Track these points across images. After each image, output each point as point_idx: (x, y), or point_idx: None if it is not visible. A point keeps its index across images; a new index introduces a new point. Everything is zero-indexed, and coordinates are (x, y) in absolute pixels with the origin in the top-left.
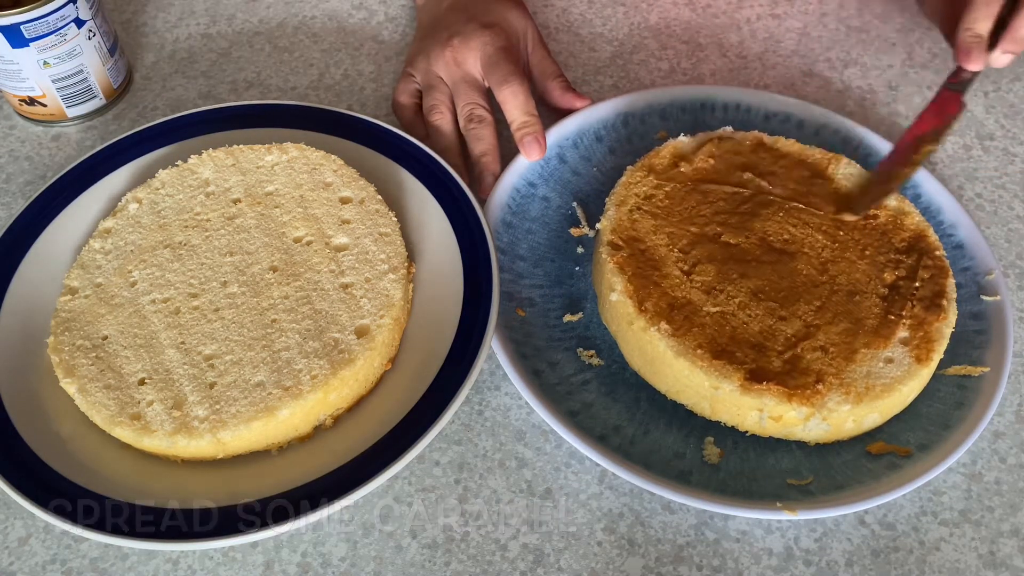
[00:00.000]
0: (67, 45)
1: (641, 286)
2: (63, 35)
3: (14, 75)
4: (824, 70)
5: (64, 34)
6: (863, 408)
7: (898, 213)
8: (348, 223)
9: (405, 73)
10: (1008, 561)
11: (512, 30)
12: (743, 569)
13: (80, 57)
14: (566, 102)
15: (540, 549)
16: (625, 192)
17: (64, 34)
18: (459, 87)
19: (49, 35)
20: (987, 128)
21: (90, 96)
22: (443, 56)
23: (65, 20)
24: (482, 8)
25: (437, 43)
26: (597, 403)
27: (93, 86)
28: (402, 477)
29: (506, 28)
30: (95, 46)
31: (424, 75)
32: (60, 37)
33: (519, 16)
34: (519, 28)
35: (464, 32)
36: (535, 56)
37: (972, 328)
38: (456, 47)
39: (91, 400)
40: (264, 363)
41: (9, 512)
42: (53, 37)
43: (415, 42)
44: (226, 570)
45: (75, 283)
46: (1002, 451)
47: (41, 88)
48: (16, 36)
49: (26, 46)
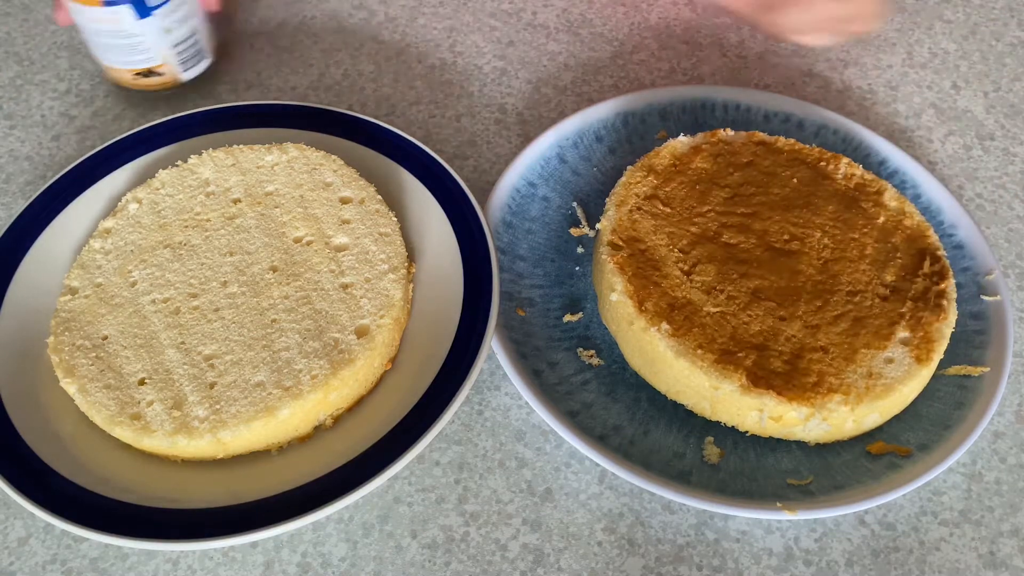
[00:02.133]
0: (184, 8)
1: (641, 286)
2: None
3: (135, 48)
4: (824, 70)
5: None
6: (863, 408)
7: (898, 213)
8: (348, 223)
9: None
10: (1008, 561)
11: None
12: (743, 569)
13: (193, 19)
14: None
15: (540, 549)
16: (625, 192)
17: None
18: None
19: (169, 2)
20: (987, 128)
21: (202, 57)
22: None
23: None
24: None
25: None
26: (597, 403)
27: (203, 47)
28: (402, 477)
29: None
30: (199, 6)
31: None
32: (179, 2)
33: None
34: None
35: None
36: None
37: (972, 328)
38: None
39: (91, 400)
40: (264, 363)
41: (9, 512)
42: (173, 3)
43: None
44: (226, 570)
45: (75, 283)
46: (1002, 451)
47: (162, 57)
48: (141, 6)
49: (149, 15)
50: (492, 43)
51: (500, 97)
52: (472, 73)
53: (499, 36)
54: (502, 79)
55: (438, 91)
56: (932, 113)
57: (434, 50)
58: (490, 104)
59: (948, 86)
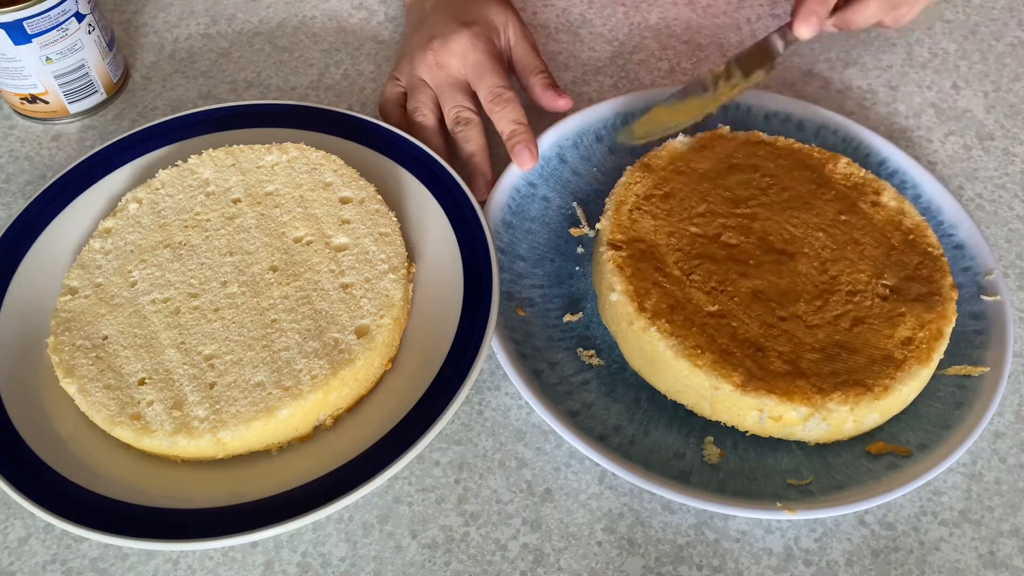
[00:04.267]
0: (69, 40)
1: (641, 286)
2: (64, 30)
3: (16, 73)
4: (824, 70)
5: (65, 29)
6: (863, 408)
7: (898, 213)
8: (348, 223)
9: (391, 76)
10: (1008, 561)
11: (492, 25)
12: (743, 569)
13: (81, 52)
14: (547, 100)
15: (540, 549)
16: (625, 192)
17: (65, 29)
18: (443, 90)
19: (51, 30)
20: (987, 128)
21: (91, 91)
22: (425, 59)
23: (66, 15)
24: (463, 7)
25: (419, 45)
26: (597, 403)
27: (94, 81)
28: (402, 477)
29: (486, 24)
30: (95, 40)
31: (408, 78)
32: (62, 32)
33: (500, 11)
34: (499, 23)
35: (444, 33)
36: (519, 50)
37: (972, 328)
38: (437, 50)
39: (91, 400)
40: (264, 363)
41: (9, 512)
42: (55, 32)
43: (402, 44)
44: (226, 570)
45: (75, 283)
46: (1002, 451)
47: (44, 85)
48: (19, 32)
49: (29, 42)
50: None
51: None
52: None
53: None
54: None
55: None
56: (932, 113)
57: None
58: None
59: (948, 86)
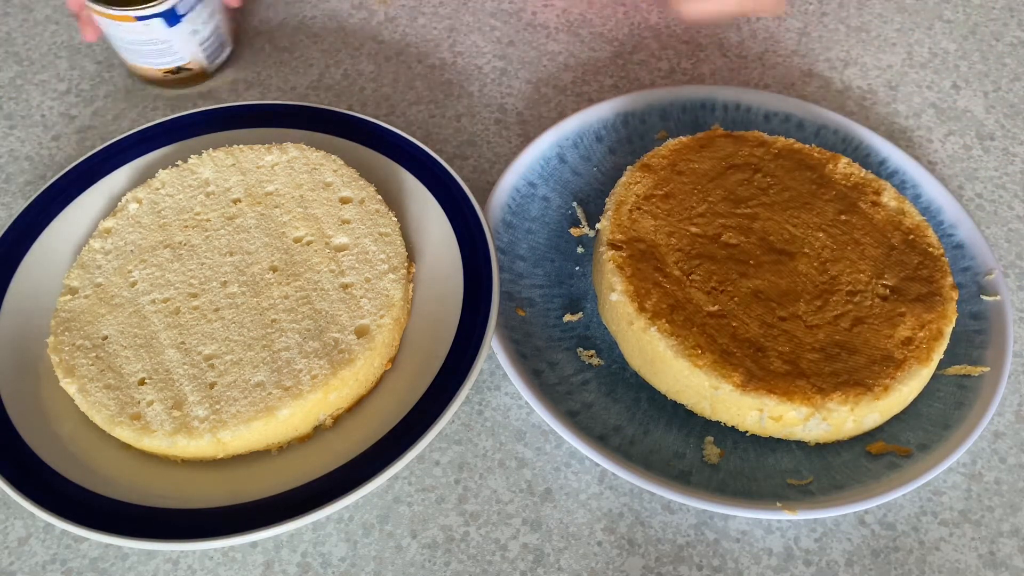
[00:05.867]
0: (208, 8)
1: (641, 286)
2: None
3: (165, 51)
4: (824, 70)
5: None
6: (863, 408)
7: (898, 213)
8: (348, 223)
9: None
10: (1008, 561)
11: None
12: (743, 569)
13: (217, 15)
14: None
15: (540, 549)
16: (625, 192)
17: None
18: None
19: (196, 6)
20: (987, 128)
21: (224, 47)
22: None
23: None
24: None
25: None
26: (597, 403)
27: (225, 38)
28: (402, 477)
29: None
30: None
31: None
32: (204, 4)
33: None
34: None
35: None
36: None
37: (972, 328)
38: None
39: (91, 400)
40: (264, 363)
41: (9, 512)
42: (199, 7)
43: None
44: (226, 570)
45: (75, 283)
46: (1002, 451)
47: (190, 56)
48: (172, 17)
49: (179, 22)
50: (492, 43)
51: (500, 97)
52: (472, 73)
53: (499, 36)
54: (502, 79)
55: (438, 91)
56: (932, 113)
57: (434, 50)
58: (490, 104)
59: (948, 86)
